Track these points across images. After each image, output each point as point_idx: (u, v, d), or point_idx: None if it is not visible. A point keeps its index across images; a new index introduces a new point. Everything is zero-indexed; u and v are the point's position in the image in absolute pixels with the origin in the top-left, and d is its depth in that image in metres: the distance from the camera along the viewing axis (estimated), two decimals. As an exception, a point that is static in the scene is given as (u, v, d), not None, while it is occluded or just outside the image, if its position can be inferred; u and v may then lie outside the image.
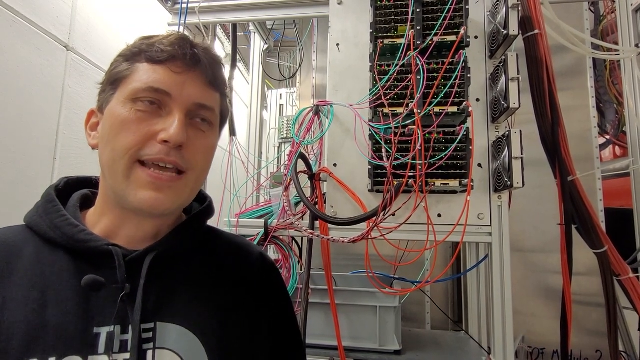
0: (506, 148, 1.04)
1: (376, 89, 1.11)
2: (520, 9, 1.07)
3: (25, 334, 0.52)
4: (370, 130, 1.12)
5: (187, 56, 0.61)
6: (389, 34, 1.16)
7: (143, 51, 0.61)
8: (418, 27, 1.11)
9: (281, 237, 1.26)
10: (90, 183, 0.71)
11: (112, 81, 0.62)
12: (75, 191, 0.68)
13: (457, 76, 1.06)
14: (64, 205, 0.63)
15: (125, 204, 0.59)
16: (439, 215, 1.12)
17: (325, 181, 1.20)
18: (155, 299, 0.59)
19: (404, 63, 1.10)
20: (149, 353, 0.56)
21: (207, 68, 0.63)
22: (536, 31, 1.13)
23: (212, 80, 0.64)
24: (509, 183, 1.02)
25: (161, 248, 0.62)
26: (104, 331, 0.55)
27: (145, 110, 0.59)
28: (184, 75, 0.61)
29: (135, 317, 0.56)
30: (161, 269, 0.61)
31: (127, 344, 0.55)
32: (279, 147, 3.13)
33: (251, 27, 2.78)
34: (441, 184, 1.07)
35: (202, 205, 0.72)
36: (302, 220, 1.22)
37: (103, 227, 0.62)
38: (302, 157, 1.20)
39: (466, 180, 1.05)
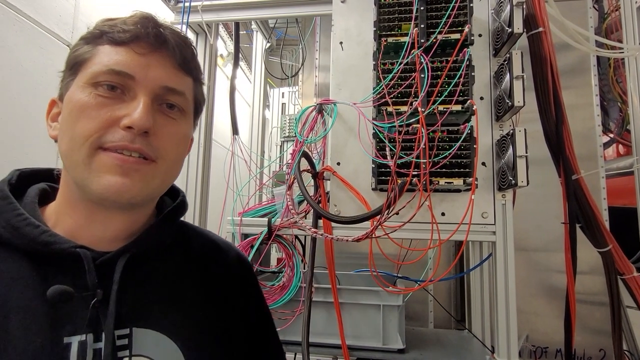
0: (510, 146, 1.04)
1: (380, 88, 1.11)
2: (524, 6, 1.07)
3: None
4: (373, 129, 1.12)
5: (150, 35, 0.56)
6: (392, 32, 1.16)
7: (104, 32, 0.56)
8: (422, 25, 1.11)
9: (285, 236, 1.26)
10: (48, 176, 0.65)
11: (72, 66, 0.57)
12: (31, 185, 0.61)
13: (461, 74, 1.06)
14: (18, 201, 0.57)
15: (89, 194, 0.53)
16: (443, 214, 1.12)
17: (329, 180, 1.20)
18: (130, 303, 0.56)
19: (407, 61, 1.09)
20: None
21: (175, 49, 0.58)
22: (540, 29, 1.13)
23: (181, 62, 0.59)
24: (513, 182, 1.02)
25: (134, 249, 0.57)
26: (75, 340, 0.51)
27: (106, 96, 0.54)
28: (148, 57, 0.56)
29: (108, 324, 0.52)
30: (135, 272, 0.57)
31: (101, 353, 0.52)
32: (281, 146, 3.13)
33: (253, 26, 2.78)
34: (445, 182, 1.07)
35: (175, 201, 0.67)
36: (306, 218, 1.22)
37: (67, 226, 0.56)
38: (306, 155, 1.20)
39: (470, 179, 1.05)
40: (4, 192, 0.56)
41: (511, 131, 1.04)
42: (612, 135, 2.32)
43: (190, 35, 1.86)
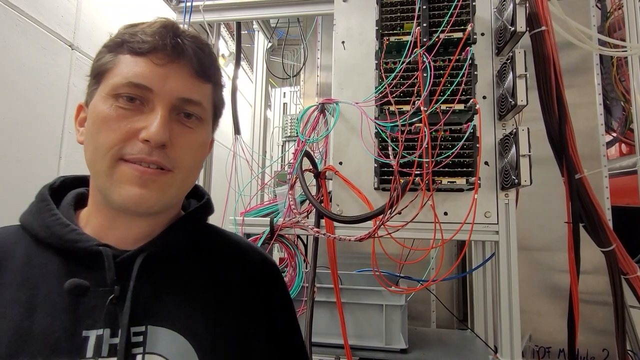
0: (513, 146, 1.03)
1: (382, 87, 1.10)
2: (527, 5, 1.07)
3: (12, 338, 0.50)
4: (376, 128, 1.12)
5: (168, 46, 0.57)
6: (394, 31, 1.16)
7: (125, 42, 0.58)
8: (424, 24, 1.10)
9: (287, 236, 1.26)
10: (87, 182, 0.67)
11: (95, 74, 0.60)
12: (71, 190, 0.65)
13: (463, 73, 1.05)
14: (58, 204, 0.61)
15: (110, 203, 0.57)
16: (446, 214, 1.11)
17: (331, 179, 1.20)
18: (146, 301, 0.57)
19: (410, 60, 1.09)
20: (138, 357, 0.54)
21: (192, 58, 0.59)
22: (543, 28, 1.13)
23: (199, 70, 0.60)
24: (516, 181, 1.02)
25: (152, 248, 0.59)
26: (92, 334, 0.53)
27: (126, 107, 0.56)
28: (166, 68, 0.57)
29: (124, 320, 0.54)
30: (153, 270, 0.59)
31: (117, 348, 0.53)
32: (282, 146, 3.13)
33: (255, 26, 2.77)
34: (448, 182, 1.06)
35: (200, 203, 0.69)
36: (308, 218, 1.22)
37: (94, 226, 0.60)
38: (308, 155, 1.19)
39: (473, 178, 1.04)
40: (44, 195, 0.62)
41: (514, 130, 1.03)
42: (615, 134, 2.31)
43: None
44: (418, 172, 1.03)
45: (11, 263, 0.56)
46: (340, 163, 1.19)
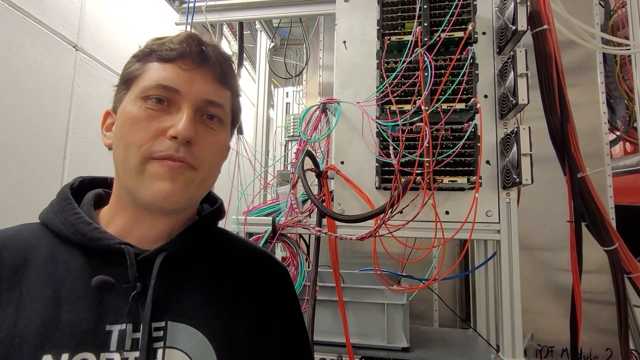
0: (515, 145, 1.03)
1: (383, 86, 1.11)
2: (528, 3, 1.07)
3: (40, 331, 0.53)
4: (377, 128, 1.12)
5: (194, 54, 0.62)
6: (395, 31, 1.16)
7: (154, 51, 0.62)
8: (425, 24, 1.10)
9: (289, 235, 1.26)
10: (104, 183, 0.72)
11: (125, 81, 0.64)
12: (90, 190, 0.69)
13: (465, 72, 1.05)
14: (77, 203, 0.64)
15: (138, 200, 0.60)
16: (447, 213, 1.11)
17: (333, 179, 1.20)
18: (166, 298, 0.60)
19: (411, 60, 1.09)
20: (159, 352, 0.57)
21: (215, 65, 0.64)
22: (545, 26, 1.12)
23: (221, 77, 0.65)
24: (517, 180, 1.02)
25: (172, 248, 0.62)
26: (115, 329, 0.56)
27: (155, 108, 0.60)
28: (192, 72, 0.62)
29: (145, 315, 0.56)
30: (173, 269, 0.62)
31: (139, 342, 0.56)
32: (285, 145, 3.14)
33: (257, 26, 2.79)
34: (449, 181, 1.07)
35: (213, 207, 0.73)
36: (310, 217, 1.23)
37: (117, 225, 0.63)
38: (309, 154, 1.20)
39: (474, 178, 1.04)
40: (66, 194, 0.65)
41: (515, 129, 1.03)
42: (618, 133, 2.30)
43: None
44: (419, 172, 1.03)
45: (36, 259, 0.58)
46: (342, 162, 1.19)
